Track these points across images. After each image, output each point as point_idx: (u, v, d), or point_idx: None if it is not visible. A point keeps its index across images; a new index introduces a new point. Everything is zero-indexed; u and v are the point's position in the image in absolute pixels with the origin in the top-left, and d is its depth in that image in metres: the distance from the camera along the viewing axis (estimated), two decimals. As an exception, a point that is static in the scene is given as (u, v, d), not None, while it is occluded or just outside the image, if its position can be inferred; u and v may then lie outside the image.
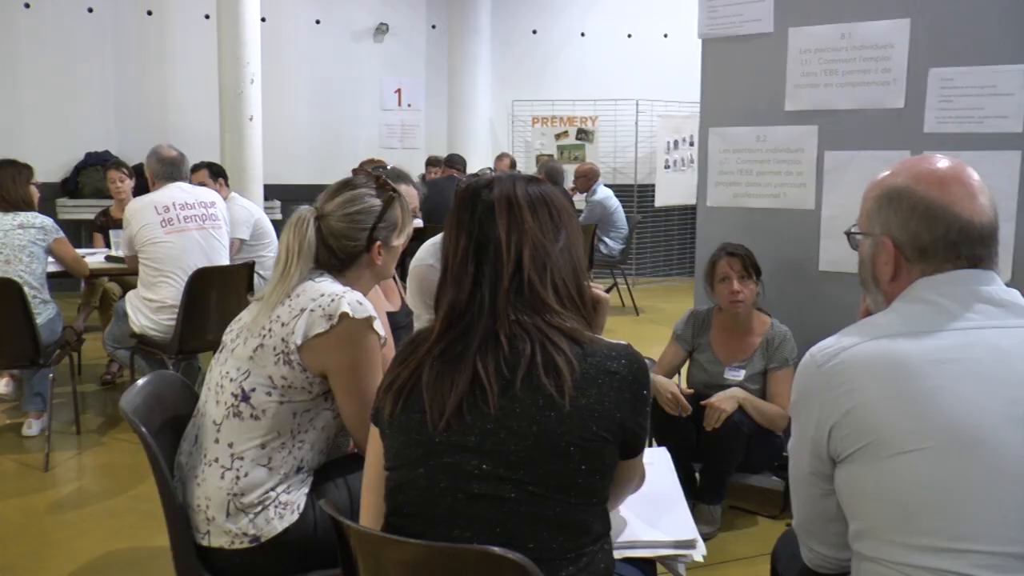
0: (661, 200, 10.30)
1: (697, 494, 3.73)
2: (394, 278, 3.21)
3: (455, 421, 1.55)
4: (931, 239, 1.55)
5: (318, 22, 10.92)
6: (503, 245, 1.64)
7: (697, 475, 3.78)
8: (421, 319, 3.43)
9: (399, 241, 2.45)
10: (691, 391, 3.76)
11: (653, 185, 10.45)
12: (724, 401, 3.54)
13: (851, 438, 1.48)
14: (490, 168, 9.11)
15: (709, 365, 3.84)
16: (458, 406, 1.55)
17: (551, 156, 10.70)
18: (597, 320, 1.82)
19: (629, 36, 11.36)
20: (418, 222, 7.48)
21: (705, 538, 3.57)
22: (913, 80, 3.64)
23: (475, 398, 1.55)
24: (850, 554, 1.57)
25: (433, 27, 11.44)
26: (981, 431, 1.39)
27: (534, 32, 11.49)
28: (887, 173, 1.65)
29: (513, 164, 9.51)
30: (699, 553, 1.90)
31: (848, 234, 1.72)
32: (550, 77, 11.32)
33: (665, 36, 10.73)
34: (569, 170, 9.48)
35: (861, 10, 3.71)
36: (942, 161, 1.61)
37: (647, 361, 1.72)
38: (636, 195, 10.69)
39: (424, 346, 1.65)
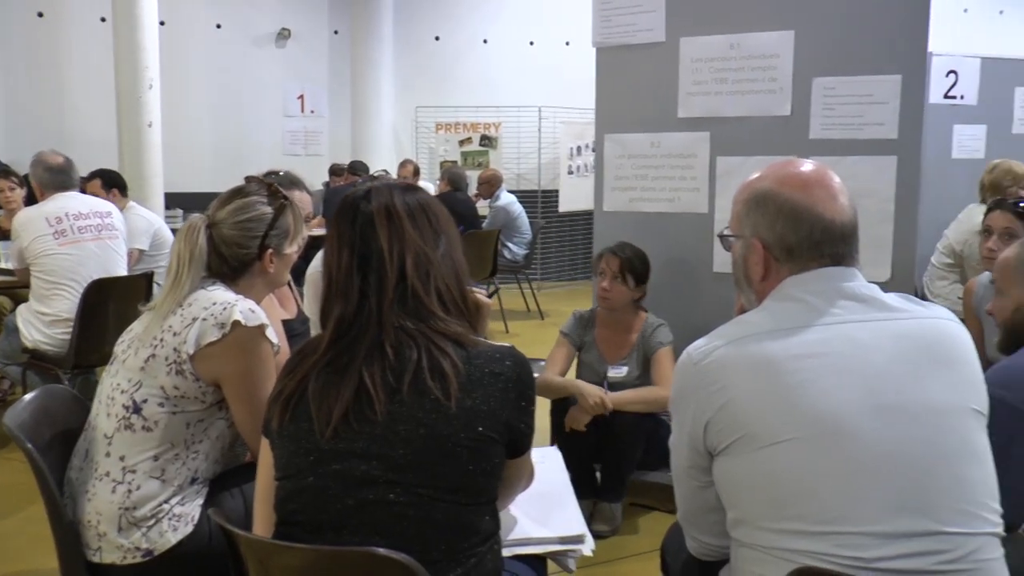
0: (565, 205, 10.41)
1: (598, 493, 3.80)
2: (290, 285, 3.20)
3: (342, 429, 1.57)
4: (796, 239, 1.63)
5: (219, 26, 10.76)
6: (386, 256, 1.67)
7: (598, 474, 3.85)
8: (318, 326, 3.42)
9: (291, 249, 2.44)
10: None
11: (557, 190, 10.55)
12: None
13: (725, 432, 1.55)
14: (384, 170, 9.08)
15: (595, 364, 3.91)
16: (344, 415, 1.57)
17: (455, 162, 10.73)
18: (479, 323, 1.85)
19: (531, 43, 11.45)
20: (319, 229, 7.45)
21: (606, 535, 3.68)
22: (798, 89, 3.78)
23: (361, 407, 1.57)
24: (730, 541, 1.63)
25: (336, 33, 11.37)
26: (842, 421, 1.48)
27: (437, 39, 11.50)
28: (754, 177, 1.74)
29: (416, 171, 9.51)
30: (588, 548, 1.95)
31: (721, 236, 1.80)
32: (453, 83, 11.34)
33: (567, 44, 10.84)
34: (473, 176, 9.53)
35: (748, 22, 3.84)
36: (806, 165, 1.70)
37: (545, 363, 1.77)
38: (540, 200, 10.78)
39: (312, 357, 1.66)
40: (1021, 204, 3.47)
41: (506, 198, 8.83)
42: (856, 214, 1.67)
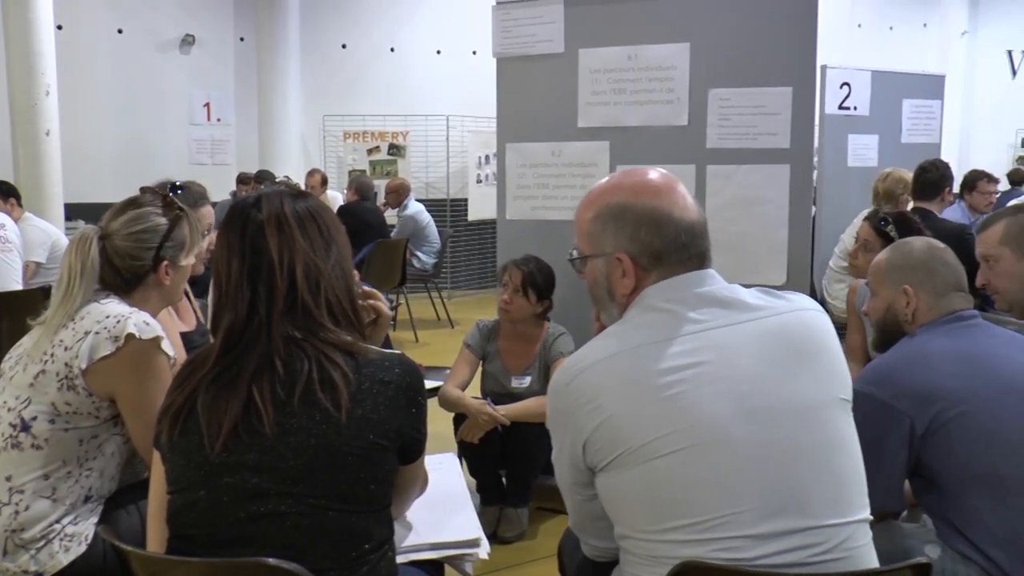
0: (474, 214, 10.45)
1: (504, 499, 3.83)
2: (189, 297, 3.16)
3: (232, 443, 1.57)
4: (663, 244, 1.64)
5: (120, 31, 10.50)
6: (276, 266, 1.66)
7: (504, 480, 3.88)
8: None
9: (188, 260, 2.42)
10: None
11: (465, 199, 10.60)
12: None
13: (604, 451, 1.56)
14: (287, 176, 8.99)
15: (499, 374, 3.95)
16: (233, 428, 1.57)
17: (363, 171, 10.67)
18: (377, 333, 1.86)
19: (438, 52, 11.47)
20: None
21: (513, 540, 3.72)
22: (695, 99, 3.88)
23: (250, 420, 1.57)
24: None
25: (241, 39, 11.20)
26: (716, 430, 1.51)
27: (344, 47, 11.43)
28: (597, 194, 1.73)
29: (324, 180, 9.43)
30: (484, 551, 1.98)
31: (572, 260, 1.78)
32: (361, 92, 11.27)
33: (474, 53, 10.86)
34: (381, 185, 9.49)
35: (645, 34, 3.93)
36: (651, 173, 1.72)
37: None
38: (449, 209, 10.80)
39: (201, 370, 1.65)
40: (883, 221, 3.60)
41: (414, 207, 8.82)
42: (703, 213, 1.71)
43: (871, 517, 1.62)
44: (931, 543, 2.07)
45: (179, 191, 2.86)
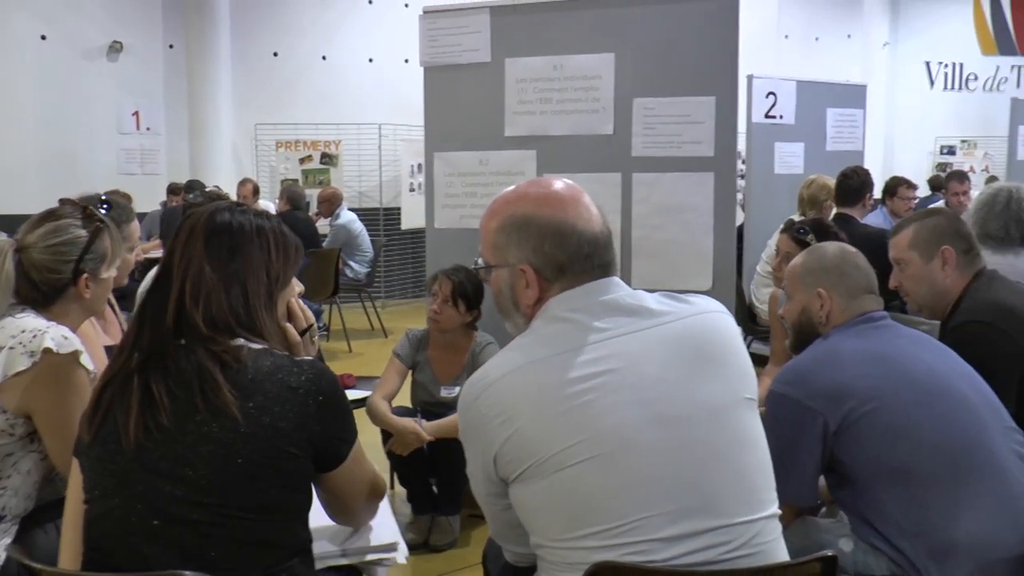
0: (407, 223, 10.42)
1: (435, 507, 3.84)
2: (114, 310, 3.11)
3: (145, 441, 1.57)
4: (567, 256, 1.66)
5: (44, 37, 10.25)
6: (173, 273, 1.69)
7: (434, 488, 3.89)
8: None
9: (109, 273, 2.38)
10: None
11: (399, 208, 10.55)
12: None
13: (515, 463, 1.57)
14: (216, 186, 8.88)
15: (429, 384, 3.95)
16: (138, 421, 1.58)
17: (295, 181, 10.59)
18: (298, 347, 1.85)
19: (371, 60, 11.42)
20: (156, 252, 7.23)
21: (444, 548, 3.72)
22: (620, 109, 3.94)
23: (153, 413, 1.58)
24: None
25: (171, 47, 11.02)
26: (624, 437, 1.54)
27: (275, 55, 11.32)
28: (501, 204, 1.74)
29: (256, 190, 9.31)
30: (402, 556, 1.97)
31: (477, 269, 1.79)
32: (293, 100, 11.16)
33: (406, 61, 10.77)
34: (314, 194, 9.43)
35: (570, 44, 3.98)
36: (556, 184, 1.74)
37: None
38: (382, 218, 10.76)
39: (110, 372, 1.68)
40: (801, 230, 3.68)
41: (347, 216, 8.78)
42: (608, 224, 1.73)
43: (780, 511, 1.66)
44: (844, 536, 2.14)
45: (106, 207, 2.82)
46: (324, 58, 11.45)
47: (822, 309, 2.36)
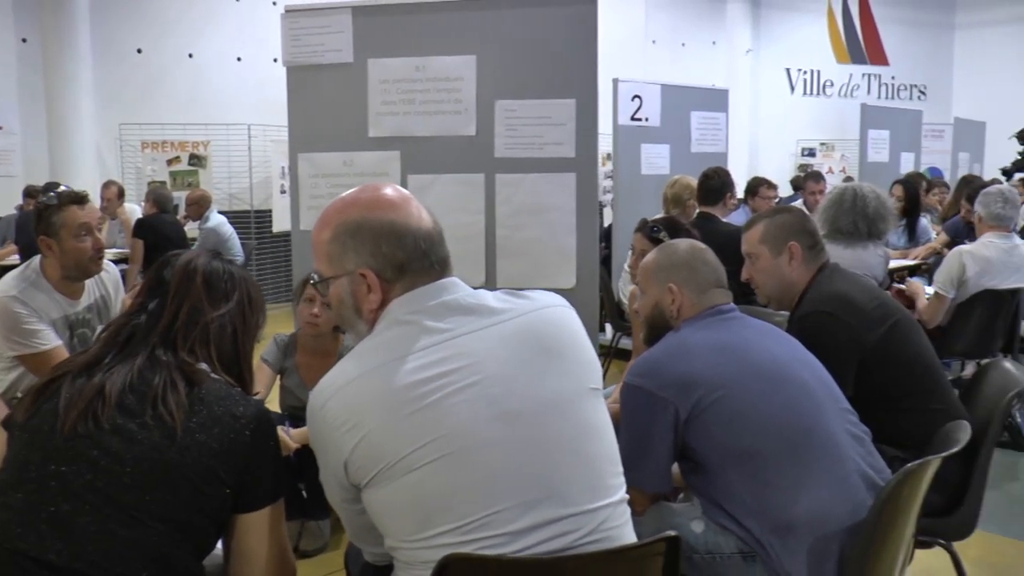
0: (278, 225, 10.26)
1: (305, 512, 3.80)
2: None
3: (82, 428, 1.60)
4: (405, 255, 1.68)
5: None
6: (169, 298, 1.80)
7: (304, 493, 3.85)
8: (2, 357, 3.23)
9: None
10: None
11: (270, 210, 10.38)
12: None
13: (364, 469, 1.58)
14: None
15: (297, 390, 3.91)
16: (81, 412, 1.61)
17: (163, 183, 10.29)
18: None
19: (239, 59, 11.19)
20: (13, 258, 6.94)
21: (314, 553, 3.69)
22: (482, 110, 3.99)
23: (96, 409, 1.62)
24: None
25: (24, 41, 10.53)
26: (470, 436, 1.56)
27: (139, 51, 10.96)
28: (331, 214, 1.75)
29: (121, 192, 9.01)
30: None
31: (315, 284, 1.80)
32: (159, 99, 10.83)
33: (275, 60, 10.59)
34: (182, 197, 9.20)
35: (432, 46, 4.02)
36: (384, 188, 1.76)
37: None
38: (253, 221, 10.58)
39: (80, 359, 1.74)
40: (654, 229, 3.77)
41: (216, 219, 8.58)
42: (438, 224, 1.77)
43: (627, 496, 1.72)
44: (696, 519, 2.23)
45: None
46: (191, 56, 11.16)
47: (673, 303, 2.44)
